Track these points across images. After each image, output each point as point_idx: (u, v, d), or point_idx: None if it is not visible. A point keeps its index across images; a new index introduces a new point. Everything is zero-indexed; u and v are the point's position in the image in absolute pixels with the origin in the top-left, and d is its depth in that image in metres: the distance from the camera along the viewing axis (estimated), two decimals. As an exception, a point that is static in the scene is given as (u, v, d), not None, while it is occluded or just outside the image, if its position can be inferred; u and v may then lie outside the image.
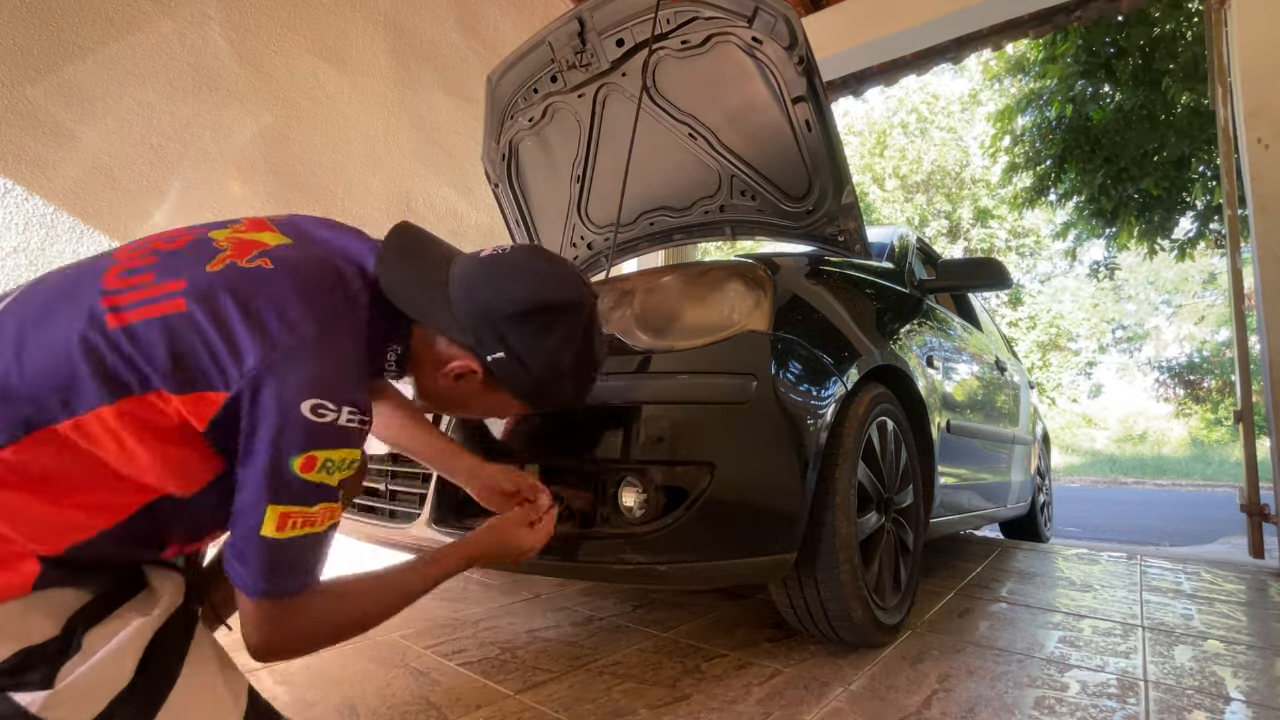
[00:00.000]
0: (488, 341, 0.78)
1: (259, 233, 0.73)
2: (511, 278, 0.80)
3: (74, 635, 0.58)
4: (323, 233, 0.79)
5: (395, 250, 0.78)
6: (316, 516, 0.65)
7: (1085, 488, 10.47)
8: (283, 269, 0.68)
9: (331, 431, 0.64)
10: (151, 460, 0.62)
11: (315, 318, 0.66)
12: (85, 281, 0.65)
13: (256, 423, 0.62)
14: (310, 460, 0.63)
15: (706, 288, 1.25)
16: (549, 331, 0.80)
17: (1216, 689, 1.21)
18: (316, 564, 0.69)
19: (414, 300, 0.76)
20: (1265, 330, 2.41)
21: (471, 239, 3.30)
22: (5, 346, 0.60)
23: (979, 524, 2.48)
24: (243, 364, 0.62)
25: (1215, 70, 2.87)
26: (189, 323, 0.62)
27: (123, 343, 0.60)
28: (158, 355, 0.60)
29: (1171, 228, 7.36)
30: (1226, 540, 4.53)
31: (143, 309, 0.62)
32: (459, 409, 0.93)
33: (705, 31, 1.53)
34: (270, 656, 0.70)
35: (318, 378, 0.64)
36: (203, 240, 0.70)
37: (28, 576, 0.57)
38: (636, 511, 1.10)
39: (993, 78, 9.01)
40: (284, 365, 0.63)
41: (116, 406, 0.60)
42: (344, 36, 2.80)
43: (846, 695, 1.13)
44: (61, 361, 0.59)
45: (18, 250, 1.92)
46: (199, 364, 0.61)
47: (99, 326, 0.60)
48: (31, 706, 0.54)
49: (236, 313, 0.63)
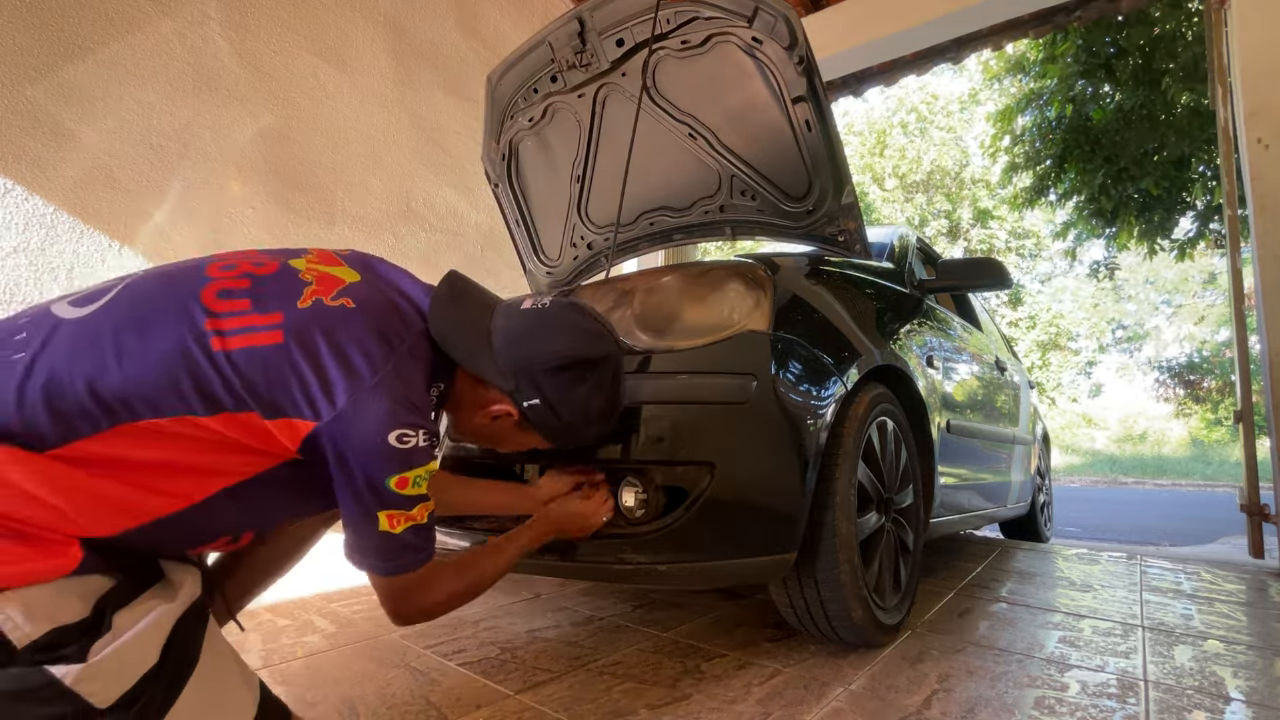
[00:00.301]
0: (525, 389, 0.86)
1: (332, 266, 0.81)
2: (551, 332, 0.88)
3: (104, 616, 0.61)
4: (385, 269, 0.88)
5: (445, 298, 0.86)
6: (417, 514, 0.77)
7: (1085, 488, 10.47)
8: (362, 309, 0.76)
9: (416, 454, 0.73)
10: (226, 461, 0.69)
11: (393, 354, 0.75)
12: (185, 296, 0.71)
13: (349, 450, 0.71)
14: (403, 480, 0.73)
15: (706, 288, 1.25)
16: (581, 382, 0.88)
17: (1216, 689, 1.21)
18: (428, 543, 0.80)
19: (461, 348, 0.84)
20: (1265, 330, 2.41)
21: (471, 239, 3.30)
22: (104, 346, 0.65)
23: (979, 524, 2.48)
24: (334, 398, 0.70)
25: (1215, 70, 2.87)
26: (285, 356, 0.69)
27: (224, 366, 0.67)
28: (255, 382, 0.68)
29: (1171, 228, 7.36)
30: (1226, 540, 4.53)
31: (244, 336, 0.69)
32: (489, 444, 1.01)
33: (705, 31, 1.52)
34: (408, 621, 0.84)
35: (400, 409, 0.72)
36: (287, 269, 0.78)
37: (72, 561, 0.61)
38: (636, 511, 1.10)
39: (993, 78, 9.01)
40: (371, 399, 0.71)
41: (213, 419, 0.67)
42: (344, 36, 2.80)
43: (846, 695, 1.13)
44: (163, 371, 0.65)
45: (18, 250, 1.92)
46: (290, 394, 0.69)
47: (204, 346, 0.67)
48: (65, 679, 0.57)
49: (327, 350, 0.71)
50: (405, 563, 0.78)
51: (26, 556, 0.59)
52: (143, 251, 2.17)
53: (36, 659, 0.56)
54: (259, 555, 1.01)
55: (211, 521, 0.74)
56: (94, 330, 0.67)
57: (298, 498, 0.80)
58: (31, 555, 0.59)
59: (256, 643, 1.36)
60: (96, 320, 0.68)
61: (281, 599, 1.70)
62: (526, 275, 2.38)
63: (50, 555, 0.60)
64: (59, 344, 0.65)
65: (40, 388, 0.62)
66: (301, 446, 0.70)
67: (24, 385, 0.62)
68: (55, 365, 0.63)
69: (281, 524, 0.87)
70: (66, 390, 0.62)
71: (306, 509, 0.85)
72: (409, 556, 0.78)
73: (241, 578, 1.00)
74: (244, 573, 1.00)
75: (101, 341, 0.65)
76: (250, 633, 1.41)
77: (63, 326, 0.67)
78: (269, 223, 2.51)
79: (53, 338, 0.65)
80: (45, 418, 0.61)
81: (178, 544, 0.75)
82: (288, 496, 0.79)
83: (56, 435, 0.61)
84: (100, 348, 0.65)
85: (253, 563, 1.01)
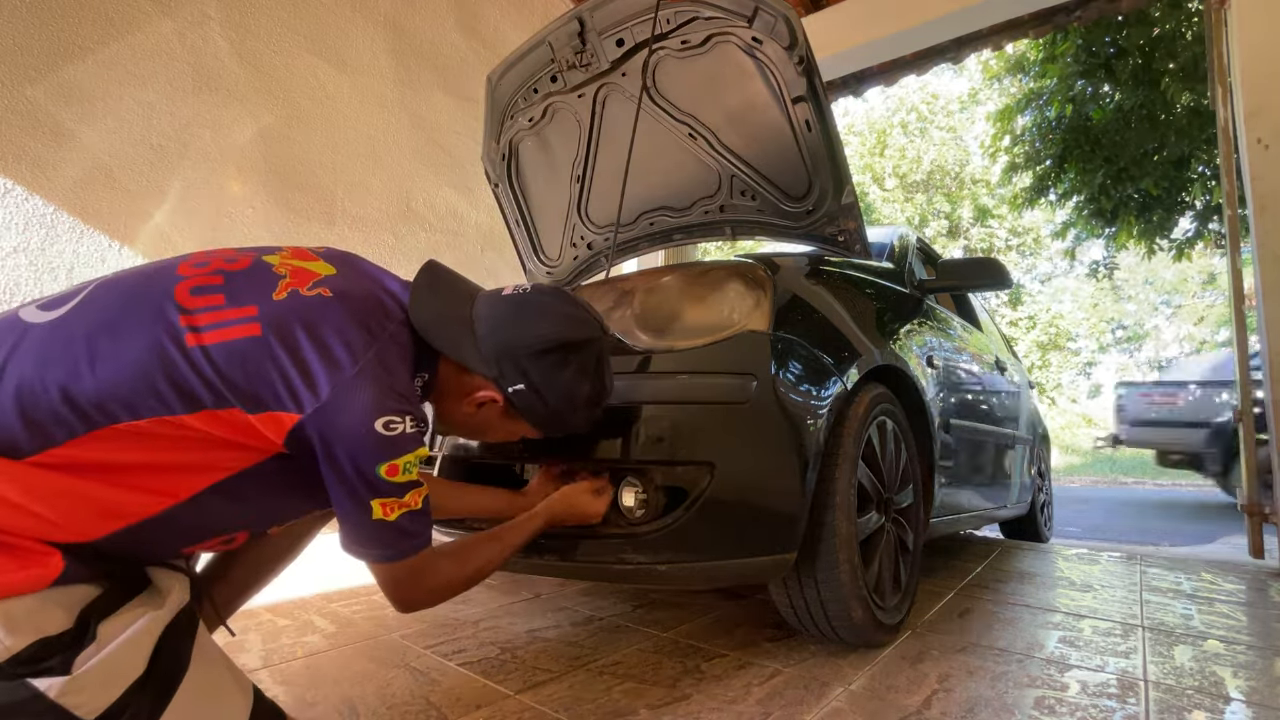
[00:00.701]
0: (509, 374, 0.85)
1: (307, 261, 0.79)
2: (534, 317, 0.87)
3: (88, 626, 0.60)
4: (362, 264, 0.87)
5: (425, 288, 0.86)
6: (410, 500, 0.75)
7: (1085, 488, 10.46)
8: (340, 299, 0.75)
9: (404, 441, 0.72)
10: (210, 457, 0.68)
11: (374, 342, 0.74)
12: (158, 294, 0.69)
13: (335, 441, 0.69)
14: (393, 468, 0.72)
15: (706, 288, 1.25)
16: (565, 366, 0.87)
17: (1216, 689, 1.21)
18: (425, 528, 0.79)
19: (443, 336, 0.84)
20: (1265, 330, 2.41)
21: (471, 239, 3.30)
22: (77, 350, 0.63)
23: (979, 524, 2.48)
24: (317, 388, 0.68)
25: (1215, 70, 2.87)
26: (263, 348, 0.68)
27: (201, 362, 0.65)
28: (234, 377, 0.66)
29: (1171, 228, 7.35)
30: (1226, 540, 4.53)
31: (220, 331, 0.67)
32: (475, 434, 1.00)
33: (705, 31, 1.52)
34: (412, 607, 0.84)
35: (384, 397, 0.71)
36: (260, 264, 0.76)
37: (53, 571, 0.60)
38: (636, 511, 1.10)
39: (993, 77, 9.01)
40: (354, 388, 0.70)
41: (193, 416, 0.65)
42: (344, 36, 2.80)
43: (846, 695, 1.13)
44: (138, 373, 0.63)
45: (18, 250, 1.92)
46: (271, 387, 0.67)
47: (179, 343, 0.65)
48: (50, 692, 0.56)
49: (306, 340, 0.70)
50: (404, 548, 0.77)
51: (5, 568, 0.57)
52: (143, 251, 2.17)
53: (19, 672, 0.55)
54: (249, 558, 0.99)
55: (201, 520, 0.72)
56: (65, 335, 0.64)
57: (287, 494, 0.79)
58: (10, 566, 0.58)
59: (256, 643, 1.36)
60: (67, 324, 0.66)
61: (281, 599, 1.70)
62: (526, 275, 2.38)
63: (29, 565, 0.59)
64: (27, 350, 0.63)
65: (11, 396, 0.60)
66: (287, 439, 0.69)
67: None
68: (25, 372, 0.61)
69: (274, 524, 0.85)
70: (40, 398, 0.60)
71: (296, 507, 0.83)
72: (406, 542, 0.77)
73: (233, 581, 0.99)
74: (235, 576, 0.99)
75: (73, 346, 0.63)
76: (250, 633, 1.41)
77: (31, 331, 0.65)
78: (269, 223, 2.51)
79: (21, 344, 0.63)
80: (19, 426, 0.59)
81: (169, 545, 0.74)
82: (277, 493, 0.77)
83: (32, 444, 0.59)
84: (72, 353, 0.63)
85: (244, 565, 0.99)
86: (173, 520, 0.68)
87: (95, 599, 0.62)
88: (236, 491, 0.72)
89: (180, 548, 0.76)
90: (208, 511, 0.71)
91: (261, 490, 0.75)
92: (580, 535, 1.12)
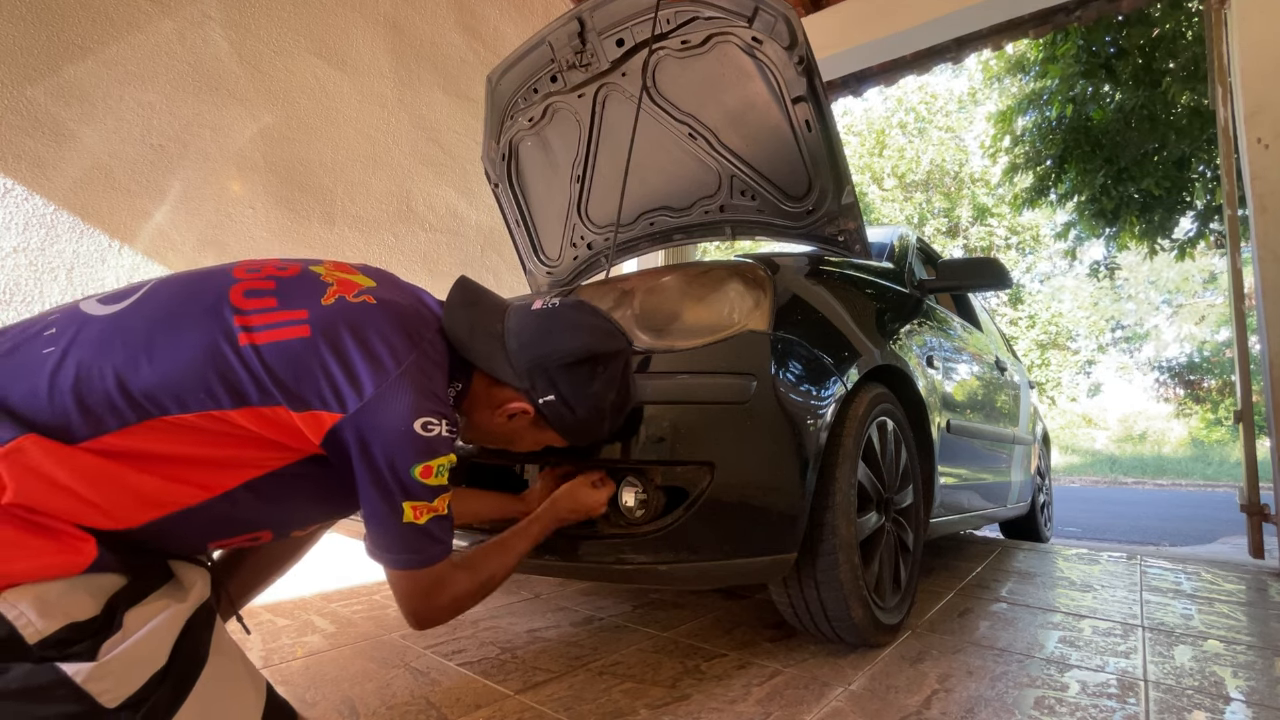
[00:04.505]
0: (541, 386, 0.88)
1: (348, 274, 0.84)
2: (563, 331, 0.90)
3: (115, 614, 0.61)
4: (397, 280, 0.91)
5: (458, 304, 0.90)
6: (439, 505, 0.78)
7: (1085, 488, 10.47)
8: (383, 307, 0.79)
9: (439, 443, 0.75)
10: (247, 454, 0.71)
11: (416, 348, 0.78)
12: (214, 294, 0.73)
13: (374, 439, 0.72)
14: (427, 469, 0.75)
15: (706, 288, 1.25)
16: (595, 378, 0.91)
17: (1216, 689, 1.21)
18: (448, 535, 0.81)
19: (477, 349, 0.87)
20: (1265, 330, 2.41)
21: (471, 239, 3.30)
22: (136, 343, 0.67)
23: (979, 524, 2.48)
24: (361, 389, 0.71)
25: (1215, 70, 2.87)
26: (312, 349, 0.71)
27: (252, 360, 0.69)
28: (283, 376, 0.69)
29: (1172, 228, 7.35)
30: (1226, 540, 4.53)
31: (272, 332, 0.71)
32: (505, 444, 1.01)
33: (705, 31, 1.52)
34: (427, 623, 0.84)
35: (424, 398, 0.75)
36: (308, 273, 0.80)
37: (86, 558, 0.61)
38: (636, 511, 1.10)
39: (993, 78, 9.01)
40: (396, 389, 0.73)
41: (237, 412, 0.68)
42: (344, 36, 2.80)
43: (846, 695, 1.13)
44: (192, 368, 0.67)
45: (18, 250, 1.92)
46: (316, 387, 0.71)
47: (232, 342, 0.69)
48: (76, 677, 0.57)
49: (352, 343, 0.73)
50: (429, 555, 0.79)
51: (43, 550, 0.59)
52: (143, 251, 2.17)
53: (48, 655, 0.56)
54: (260, 554, 1.01)
55: (233, 514, 0.74)
56: (124, 327, 0.68)
57: (317, 496, 0.80)
58: (48, 549, 0.59)
59: (256, 643, 1.36)
60: (126, 318, 0.69)
61: (281, 599, 1.70)
62: (526, 275, 2.38)
63: (65, 550, 0.60)
64: (88, 340, 0.66)
65: (70, 381, 0.63)
66: (325, 440, 0.72)
67: (54, 379, 0.63)
68: (84, 360, 0.64)
69: (299, 527, 0.87)
70: (95, 385, 0.63)
71: (324, 510, 0.85)
72: (434, 548, 0.79)
73: (243, 577, 1.01)
74: (245, 572, 1.01)
75: (132, 338, 0.67)
76: (250, 632, 1.42)
77: (92, 323, 0.68)
78: (269, 222, 2.51)
79: (82, 333, 0.67)
80: (74, 411, 0.62)
81: (200, 537, 0.75)
82: (307, 494, 0.79)
83: (85, 429, 0.62)
84: (131, 344, 0.66)
85: (255, 562, 1.01)
86: (207, 512, 0.70)
87: (122, 588, 0.64)
88: (269, 490, 0.74)
89: (209, 541, 0.77)
90: (240, 507, 0.73)
91: (293, 490, 0.77)
92: (580, 535, 1.11)
